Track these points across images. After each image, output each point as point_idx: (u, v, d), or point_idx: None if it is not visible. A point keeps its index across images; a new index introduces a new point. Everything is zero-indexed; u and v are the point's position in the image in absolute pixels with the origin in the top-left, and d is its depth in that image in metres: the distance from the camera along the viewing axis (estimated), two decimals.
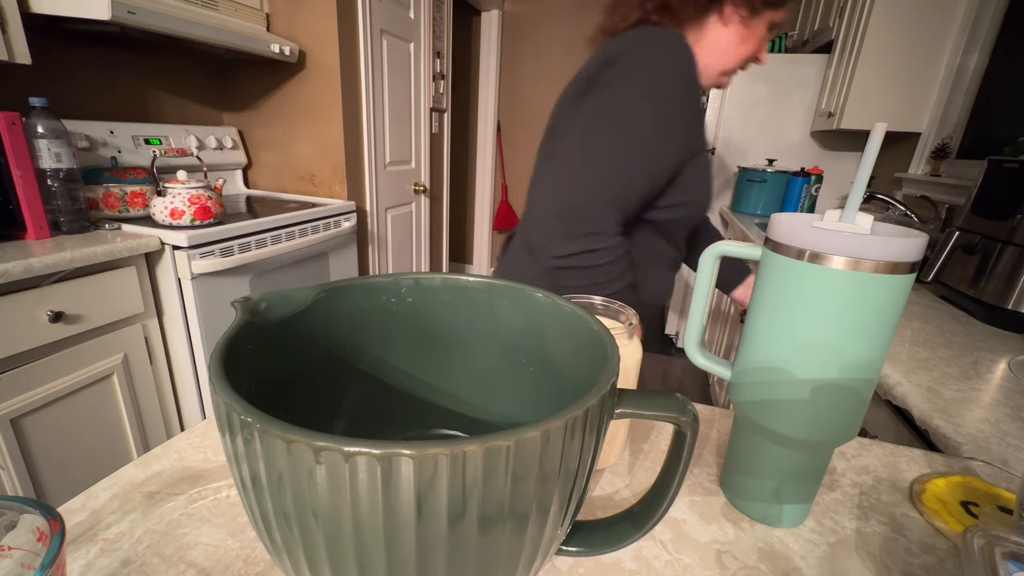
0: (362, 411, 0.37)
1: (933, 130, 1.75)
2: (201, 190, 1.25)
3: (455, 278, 0.36)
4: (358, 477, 0.18)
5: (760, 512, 0.38)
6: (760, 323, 0.35)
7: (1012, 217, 0.95)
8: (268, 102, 1.88)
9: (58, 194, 1.13)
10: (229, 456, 0.21)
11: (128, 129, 1.50)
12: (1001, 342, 0.84)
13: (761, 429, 0.36)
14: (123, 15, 1.13)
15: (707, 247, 0.41)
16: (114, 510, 0.36)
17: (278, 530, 0.21)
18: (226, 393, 0.20)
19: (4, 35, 1.02)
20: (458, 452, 0.18)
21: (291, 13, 1.72)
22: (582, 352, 0.31)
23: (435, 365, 0.39)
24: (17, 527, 0.23)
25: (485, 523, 0.20)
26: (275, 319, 0.30)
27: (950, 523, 0.38)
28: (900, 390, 0.66)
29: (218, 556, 0.33)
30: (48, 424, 1.04)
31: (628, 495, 0.40)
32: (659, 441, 0.48)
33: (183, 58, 1.72)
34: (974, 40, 1.61)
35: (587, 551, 0.31)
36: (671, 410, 0.26)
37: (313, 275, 1.65)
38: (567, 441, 0.20)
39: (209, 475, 0.40)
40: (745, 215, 2.25)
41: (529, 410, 0.36)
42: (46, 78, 1.34)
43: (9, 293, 0.93)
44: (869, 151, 0.32)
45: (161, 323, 1.27)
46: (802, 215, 0.36)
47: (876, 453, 0.48)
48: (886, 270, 0.29)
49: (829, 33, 2.08)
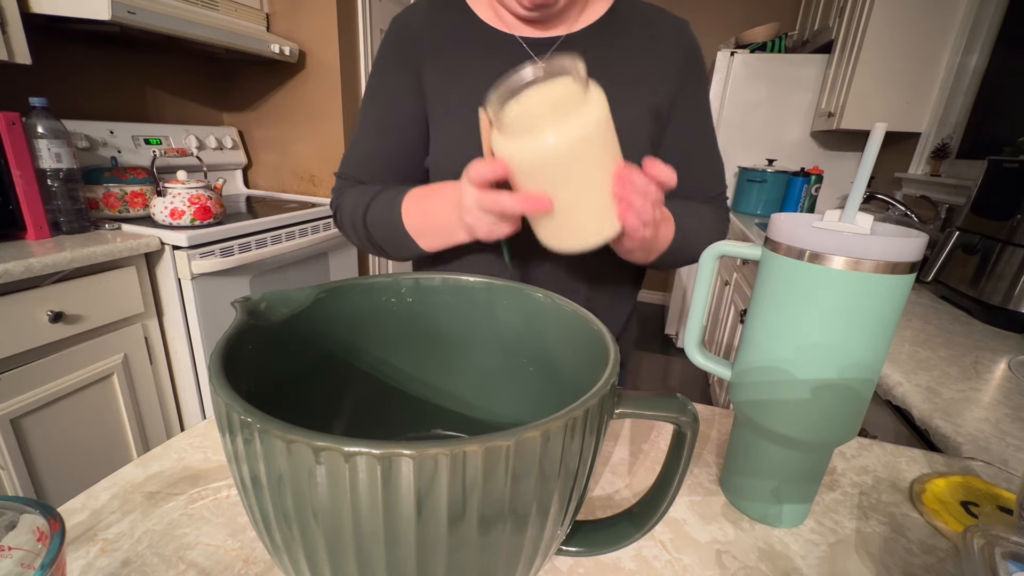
0: (362, 411, 0.37)
1: (933, 130, 1.75)
2: (201, 190, 1.25)
3: (455, 278, 0.36)
4: (358, 477, 0.18)
5: (760, 512, 0.38)
6: (760, 323, 0.35)
7: (1012, 217, 0.95)
8: (268, 102, 1.88)
9: (58, 194, 1.13)
10: (229, 456, 0.21)
11: (128, 129, 1.50)
12: (1001, 342, 0.84)
13: (761, 429, 0.36)
14: (123, 15, 1.13)
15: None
16: (114, 510, 0.36)
17: (278, 530, 0.21)
18: (226, 393, 0.20)
19: (4, 35, 1.02)
20: (458, 452, 0.18)
21: (291, 13, 1.72)
22: (582, 352, 0.31)
23: (435, 365, 0.39)
24: (17, 527, 0.23)
25: (485, 523, 0.20)
26: (275, 319, 0.30)
27: (950, 523, 0.38)
28: (900, 390, 0.66)
29: (218, 556, 0.33)
30: (48, 424, 1.04)
31: (628, 495, 0.40)
32: (659, 441, 0.48)
33: (183, 58, 1.72)
34: (974, 40, 1.61)
35: (587, 551, 0.31)
36: (671, 410, 0.26)
37: (313, 275, 1.65)
38: (567, 441, 0.21)
39: (209, 475, 0.40)
40: (745, 215, 2.25)
41: (529, 410, 0.36)
42: (46, 78, 1.34)
43: (9, 293, 0.93)
44: (869, 151, 0.32)
45: (161, 323, 1.27)
46: (802, 215, 0.36)
47: (876, 453, 0.48)
48: (886, 270, 0.29)
49: (829, 33, 2.08)
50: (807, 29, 2.42)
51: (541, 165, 0.37)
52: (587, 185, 0.38)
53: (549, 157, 0.36)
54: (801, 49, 2.47)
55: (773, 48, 2.37)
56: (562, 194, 0.38)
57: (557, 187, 0.38)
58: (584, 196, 0.39)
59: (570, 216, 0.40)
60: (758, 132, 2.41)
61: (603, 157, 0.38)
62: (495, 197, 0.41)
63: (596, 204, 0.39)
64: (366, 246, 0.61)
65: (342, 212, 0.61)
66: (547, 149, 0.36)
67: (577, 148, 0.36)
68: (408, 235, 0.55)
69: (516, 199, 0.39)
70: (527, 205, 0.39)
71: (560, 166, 0.37)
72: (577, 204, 0.39)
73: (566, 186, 0.38)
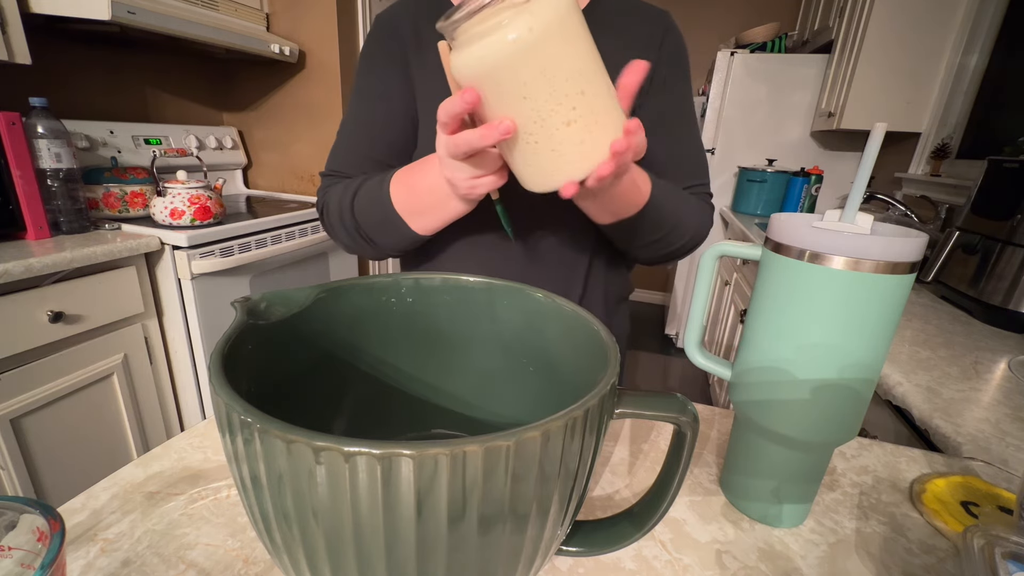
0: (362, 411, 0.37)
1: (933, 130, 1.75)
2: (201, 190, 1.25)
3: (455, 278, 0.36)
4: (358, 477, 0.18)
5: (760, 512, 0.38)
6: (760, 323, 0.35)
7: (1012, 217, 0.95)
8: (268, 102, 1.88)
9: (58, 194, 1.13)
10: (229, 456, 0.21)
11: (128, 129, 1.50)
12: (1001, 342, 0.84)
13: (761, 429, 0.36)
14: (123, 15, 1.13)
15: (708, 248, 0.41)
16: (114, 510, 0.36)
17: (278, 530, 0.21)
18: (226, 393, 0.20)
19: (4, 35, 1.02)
20: (458, 452, 0.18)
21: (291, 13, 1.72)
22: (582, 352, 0.31)
23: (435, 365, 0.39)
24: (17, 527, 0.23)
25: (485, 523, 0.20)
26: (275, 319, 0.30)
27: (950, 523, 0.38)
28: (900, 390, 0.66)
29: (218, 556, 0.33)
30: (48, 424, 1.04)
31: (628, 495, 0.40)
32: (659, 441, 0.48)
33: (183, 58, 1.72)
34: (974, 40, 1.61)
35: (587, 551, 0.31)
36: (671, 410, 0.26)
37: (313, 275, 1.65)
38: (567, 441, 0.21)
39: (209, 475, 0.40)
40: (745, 215, 2.25)
41: (529, 410, 0.36)
42: (46, 78, 1.34)
43: (9, 293, 0.93)
44: (869, 151, 0.32)
45: (161, 323, 1.27)
46: (802, 215, 0.36)
47: (876, 453, 0.48)
48: (886, 270, 0.29)
49: (829, 33, 2.08)
50: (807, 29, 2.42)
51: (504, 67, 0.32)
52: (558, 95, 0.33)
53: (511, 55, 0.31)
54: (801, 49, 2.47)
55: (773, 48, 2.37)
56: (530, 110, 0.33)
57: (527, 101, 0.33)
58: (556, 110, 0.33)
59: (547, 139, 0.34)
60: (758, 132, 2.41)
61: (574, 58, 0.33)
62: (460, 135, 0.37)
63: (572, 122, 0.34)
64: (356, 240, 0.58)
65: (329, 209, 0.59)
66: (505, 45, 0.31)
67: (539, 42, 0.31)
68: (399, 217, 0.52)
69: (479, 129, 0.35)
70: (489, 131, 0.35)
71: (523, 68, 0.32)
72: (548, 120, 0.33)
73: (535, 96, 0.33)
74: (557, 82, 0.32)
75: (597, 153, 0.35)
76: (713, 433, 0.49)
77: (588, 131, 0.34)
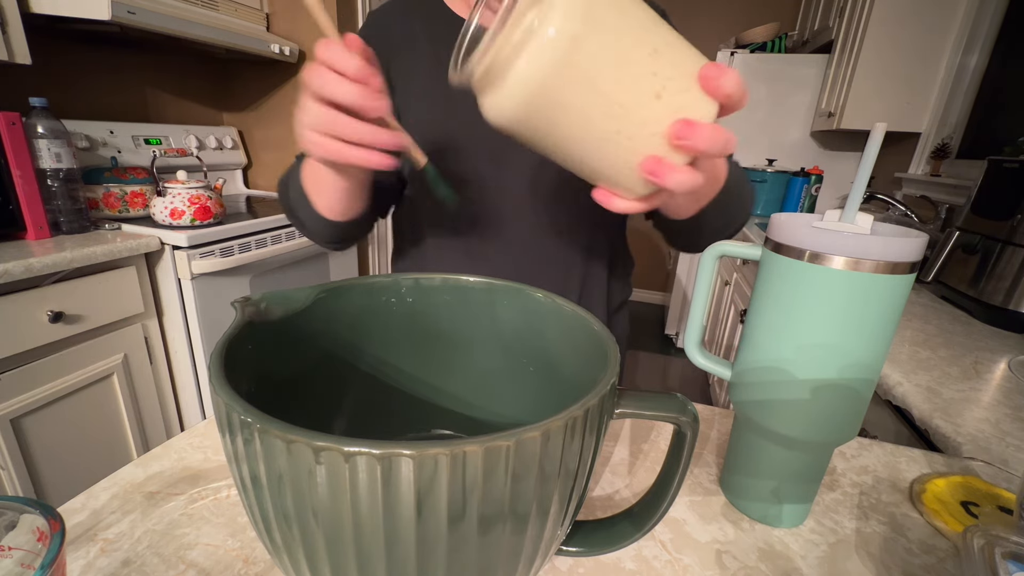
0: (362, 411, 0.37)
1: (933, 130, 1.75)
2: (201, 190, 1.25)
3: (455, 278, 0.36)
4: (358, 477, 0.18)
5: (760, 512, 0.38)
6: (760, 323, 0.35)
7: (1012, 217, 0.95)
8: (268, 102, 1.87)
9: (58, 194, 1.13)
10: (229, 456, 0.21)
11: (128, 129, 1.50)
12: (1001, 342, 0.84)
13: (761, 429, 0.36)
14: (123, 15, 1.13)
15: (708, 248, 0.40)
16: (114, 510, 0.36)
17: (278, 530, 0.21)
18: (226, 393, 0.20)
19: (4, 35, 1.02)
20: (458, 452, 0.18)
21: (291, 13, 1.72)
22: (582, 352, 0.31)
23: (435, 365, 0.39)
24: (17, 527, 0.23)
25: (485, 523, 0.20)
26: (275, 319, 0.30)
27: (950, 523, 0.38)
28: (900, 390, 0.66)
29: (218, 556, 0.33)
30: (48, 424, 1.04)
31: (628, 495, 0.40)
32: (659, 441, 0.48)
33: (183, 58, 1.72)
34: (974, 40, 1.61)
35: (587, 551, 0.31)
36: (671, 410, 0.26)
37: (313, 275, 1.65)
38: (567, 441, 0.21)
39: (209, 475, 0.40)
40: None
41: (529, 410, 0.36)
42: (46, 78, 1.34)
43: (9, 293, 0.93)
44: (869, 151, 0.32)
45: (161, 323, 1.27)
46: (802, 215, 0.36)
47: (876, 453, 0.48)
48: (886, 270, 0.29)
49: (829, 33, 2.08)
50: (807, 29, 2.42)
51: (561, 69, 0.25)
52: (633, 70, 0.25)
53: (565, 53, 0.24)
54: (801, 49, 2.47)
55: (773, 48, 2.37)
56: (604, 103, 0.26)
57: (595, 95, 0.25)
58: (633, 88, 0.26)
59: (637, 125, 0.26)
60: (758, 132, 2.41)
61: (629, 18, 0.25)
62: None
63: (660, 93, 0.26)
64: (295, 222, 0.55)
65: (280, 185, 0.57)
66: (549, 43, 0.24)
67: (585, 24, 0.24)
68: (307, 196, 0.49)
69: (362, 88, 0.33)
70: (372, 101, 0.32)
71: (581, 58, 0.24)
72: (629, 105, 0.26)
73: (603, 84, 0.25)
74: (625, 54, 0.25)
75: (702, 111, 0.27)
76: (713, 433, 0.49)
77: (683, 92, 0.26)
